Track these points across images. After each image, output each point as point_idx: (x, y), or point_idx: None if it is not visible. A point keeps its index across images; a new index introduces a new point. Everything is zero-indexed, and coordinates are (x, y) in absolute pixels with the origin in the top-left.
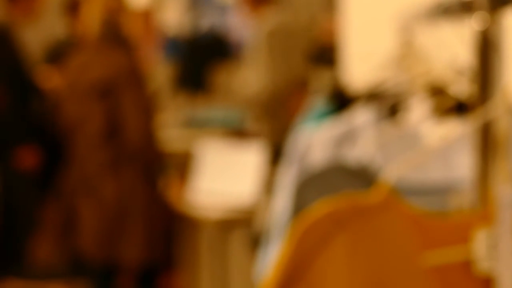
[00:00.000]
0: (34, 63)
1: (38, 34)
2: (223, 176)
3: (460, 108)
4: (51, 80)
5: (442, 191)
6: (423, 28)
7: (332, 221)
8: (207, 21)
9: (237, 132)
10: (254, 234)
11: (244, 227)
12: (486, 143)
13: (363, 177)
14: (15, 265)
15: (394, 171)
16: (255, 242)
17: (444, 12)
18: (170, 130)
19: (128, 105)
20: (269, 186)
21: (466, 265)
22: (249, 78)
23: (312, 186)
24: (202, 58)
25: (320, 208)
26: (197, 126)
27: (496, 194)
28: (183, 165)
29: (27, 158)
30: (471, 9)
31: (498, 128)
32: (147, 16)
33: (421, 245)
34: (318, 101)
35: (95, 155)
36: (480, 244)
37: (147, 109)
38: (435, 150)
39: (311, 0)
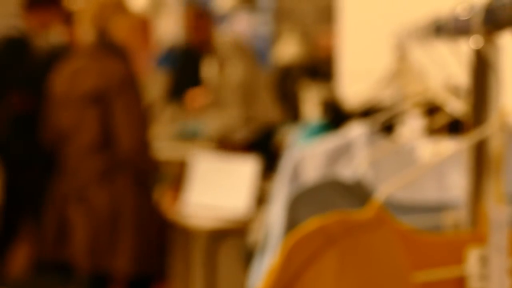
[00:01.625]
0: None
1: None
2: (216, 186)
3: (454, 127)
4: None
5: (436, 209)
6: (418, 45)
7: (322, 235)
8: None
9: (230, 144)
10: (246, 245)
11: (237, 237)
12: (480, 162)
13: (357, 193)
14: (2, 274)
15: (387, 188)
16: (248, 253)
17: (438, 31)
18: (163, 142)
19: (121, 114)
20: (262, 196)
21: (458, 283)
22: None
23: (305, 201)
24: (196, 69)
25: (311, 223)
26: (190, 137)
27: (488, 214)
28: (176, 174)
29: None
30: (466, 29)
31: (492, 147)
32: (143, 24)
33: (411, 262)
34: (312, 117)
35: (87, 164)
36: (472, 263)
37: (141, 118)
38: (429, 168)
39: (306, 13)
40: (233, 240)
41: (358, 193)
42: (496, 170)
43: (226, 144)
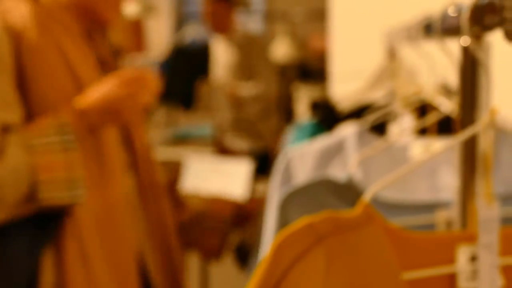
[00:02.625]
0: None
1: None
2: (210, 187)
3: (446, 126)
4: None
5: (429, 208)
6: (409, 45)
7: (310, 234)
8: (194, 37)
9: (222, 149)
10: (240, 243)
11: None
12: (470, 161)
13: (348, 192)
14: None
15: (376, 187)
16: (241, 251)
17: (428, 31)
18: (157, 145)
19: None
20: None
21: (448, 281)
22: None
23: (296, 201)
24: (187, 74)
25: (300, 222)
26: (184, 140)
27: (478, 212)
28: (171, 176)
29: None
30: (455, 28)
31: (481, 146)
32: (136, 27)
33: (401, 260)
34: (305, 119)
35: None
36: (462, 261)
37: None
38: (418, 166)
39: (297, 14)
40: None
41: (349, 192)
42: (485, 169)
43: (221, 148)
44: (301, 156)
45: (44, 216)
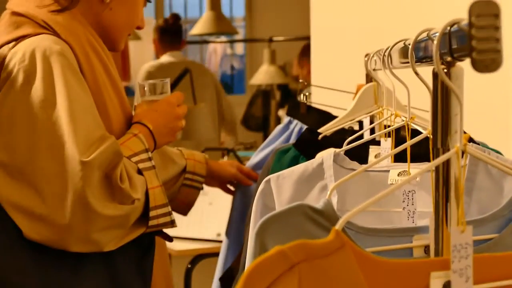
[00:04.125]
0: None
1: None
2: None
3: (421, 152)
4: None
5: (408, 234)
6: (388, 71)
7: (282, 260)
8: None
9: None
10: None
11: (210, 258)
12: (444, 187)
13: (325, 220)
14: None
15: (350, 214)
16: (224, 277)
17: (402, 57)
18: None
19: None
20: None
21: None
22: None
23: (274, 227)
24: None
25: (273, 250)
26: None
27: (451, 238)
28: None
29: None
30: (428, 55)
31: (454, 171)
32: (123, 56)
33: (373, 287)
34: (286, 146)
35: None
36: (435, 287)
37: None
38: (394, 193)
39: (277, 40)
40: (207, 261)
41: (327, 219)
42: (457, 194)
43: None
44: (281, 182)
45: (141, 238)
